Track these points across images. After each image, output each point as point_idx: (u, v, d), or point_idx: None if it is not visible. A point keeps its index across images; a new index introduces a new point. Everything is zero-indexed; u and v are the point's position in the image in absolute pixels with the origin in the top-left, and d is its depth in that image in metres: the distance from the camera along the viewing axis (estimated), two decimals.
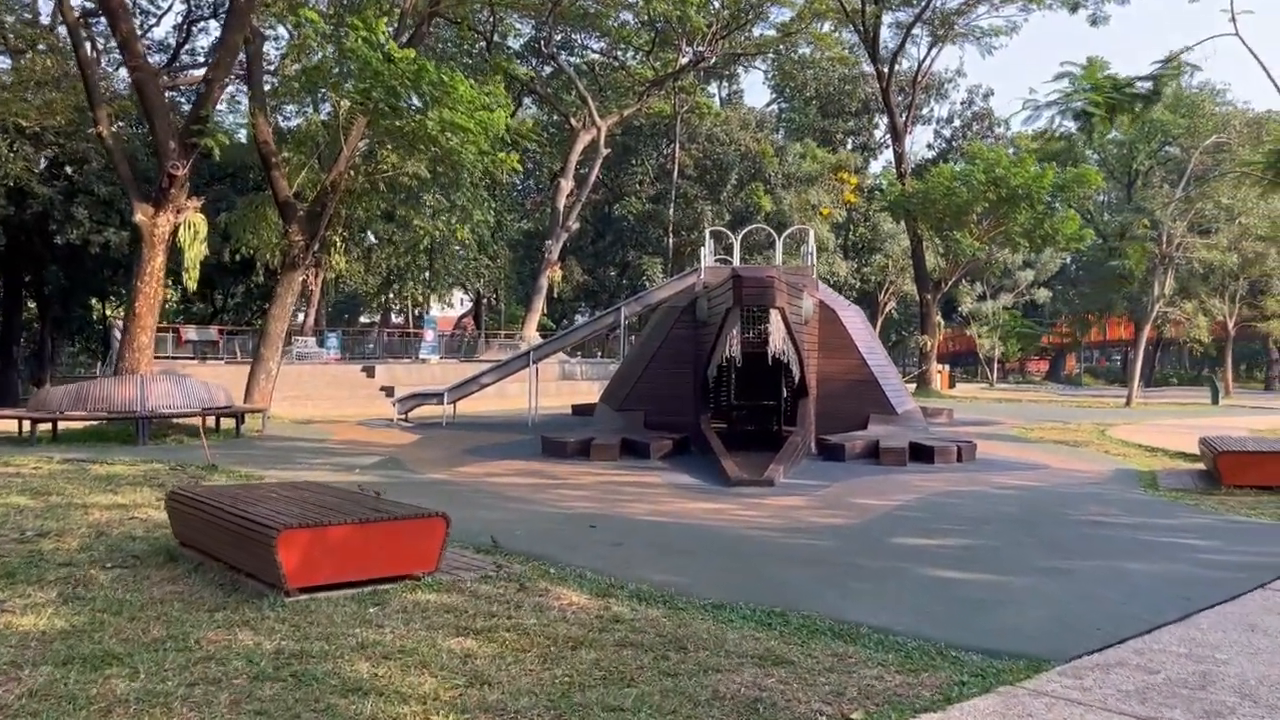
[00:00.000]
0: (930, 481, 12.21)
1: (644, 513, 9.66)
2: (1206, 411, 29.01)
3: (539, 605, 6.12)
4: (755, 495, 10.88)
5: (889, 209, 38.81)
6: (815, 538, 8.48)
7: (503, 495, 10.79)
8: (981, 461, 14.41)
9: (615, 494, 10.92)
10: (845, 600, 6.33)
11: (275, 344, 22.99)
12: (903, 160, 38.14)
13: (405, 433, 19.08)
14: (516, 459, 14.41)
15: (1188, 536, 8.68)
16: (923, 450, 14.16)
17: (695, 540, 8.30)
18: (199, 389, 17.85)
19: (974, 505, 10.37)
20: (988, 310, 49.85)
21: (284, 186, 23.26)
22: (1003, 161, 33.49)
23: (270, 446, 16.22)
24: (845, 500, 10.57)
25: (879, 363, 16.67)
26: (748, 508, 10.06)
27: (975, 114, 54.06)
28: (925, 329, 38.02)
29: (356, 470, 13.03)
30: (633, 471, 13.00)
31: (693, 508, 10.00)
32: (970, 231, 35.68)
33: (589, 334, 21.25)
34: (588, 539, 8.30)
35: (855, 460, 14.13)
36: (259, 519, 6.39)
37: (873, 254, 48.30)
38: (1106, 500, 10.87)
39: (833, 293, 18.37)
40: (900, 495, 10.96)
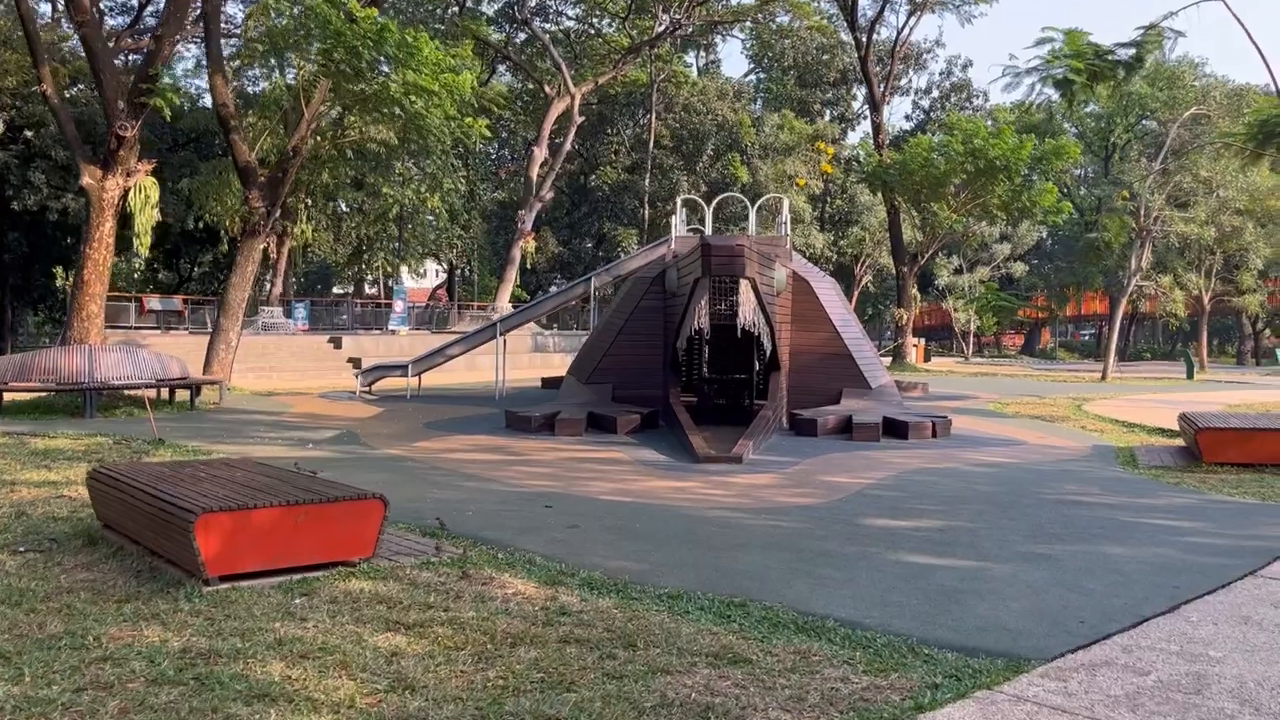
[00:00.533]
0: (904, 458, 11.83)
1: (605, 492, 9.20)
2: (1182, 386, 28.86)
3: (481, 595, 5.65)
4: (722, 473, 10.44)
5: (866, 180, 38.33)
6: (782, 519, 8.05)
7: (459, 472, 10.30)
8: (957, 437, 14.04)
9: (577, 471, 10.45)
10: (811, 590, 5.90)
11: (235, 314, 22.32)
12: (880, 131, 37.64)
13: (367, 406, 18.54)
14: (478, 434, 13.92)
15: (1171, 518, 8.31)
16: (897, 426, 13.77)
17: (656, 522, 7.86)
18: (151, 360, 17.22)
19: (950, 484, 9.98)
20: (964, 284, 49.57)
21: (244, 151, 22.49)
22: (981, 133, 33.05)
23: (225, 420, 15.65)
24: (815, 478, 10.15)
25: (853, 336, 16.26)
26: (714, 486, 9.63)
27: (954, 85, 53.57)
28: (901, 302, 37.66)
29: (310, 446, 12.52)
30: (598, 447, 12.54)
31: (656, 486, 9.56)
32: (947, 203, 35.27)
33: (558, 305, 20.72)
34: (542, 520, 7.83)
35: (828, 436, 13.72)
36: (177, 501, 5.87)
37: (850, 226, 47.88)
38: (1085, 479, 10.51)
39: (807, 263, 17.92)
40: (873, 473, 10.56)
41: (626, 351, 15.80)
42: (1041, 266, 57.31)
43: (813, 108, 50.16)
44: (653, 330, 15.42)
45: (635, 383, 15.46)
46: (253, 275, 22.77)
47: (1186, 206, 35.91)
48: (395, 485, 9.35)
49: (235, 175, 30.10)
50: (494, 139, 61.81)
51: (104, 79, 17.20)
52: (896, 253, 37.83)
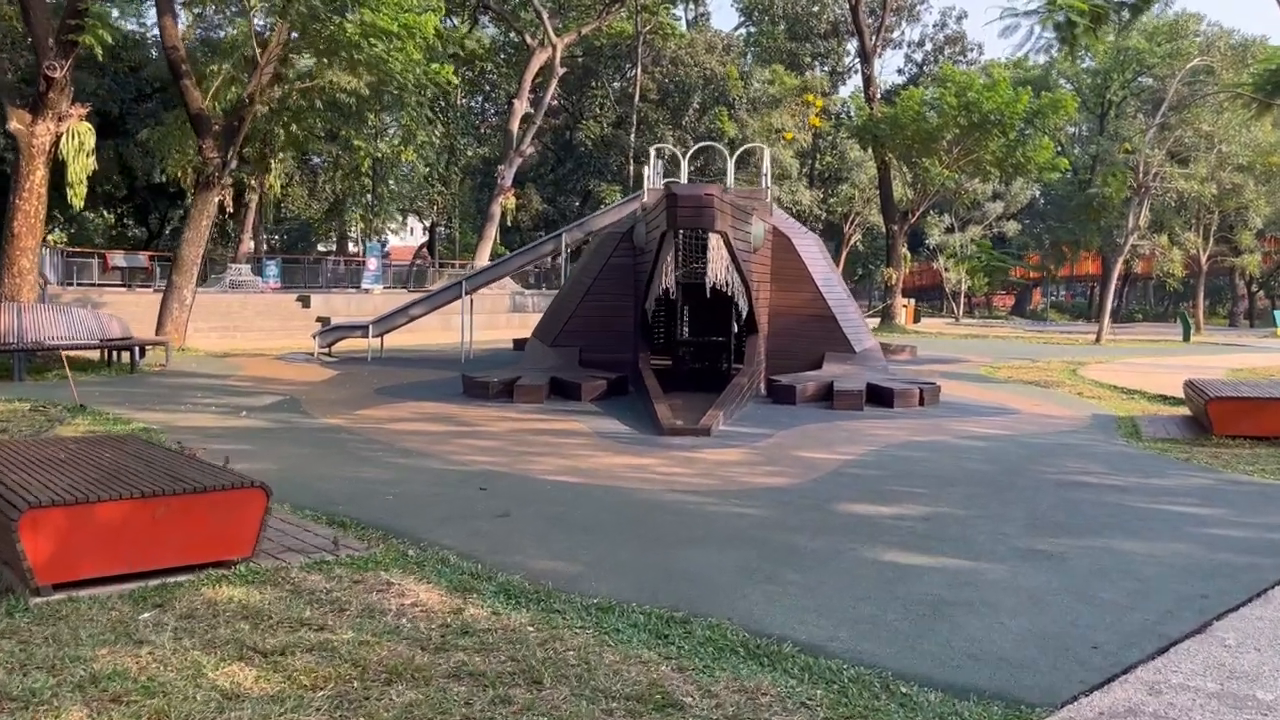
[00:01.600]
0: (889, 430, 10.86)
1: (553, 470, 8.21)
2: (1179, 349, 27.96)
3: (370, 608, 4.68)
4: (688, 447, 9.46)
5: (856, 135, 37.09)
6: (748, 504, 7.08)
7: (396, 446, 9.30)
8: (945, 405, 13.08)
9: (527, 445, 9.46)
10: (769, 600, 4.93)
11: (189, 270, 21.21)
12: (871, 83, 36.30)
13: (323, 369, 17.48)
14: (431, 400, 12.91)
15: (1187, 502, 7.36)
16: (882, 393, 12.79)
17: (603, 509, 6.88)
18: (88, 319, 16.12)
19: (937, 460, 9.01)
20: (955, 243, 48.47)
21: (196, 97, 21.26)
22: (975, 85, 31.82)
23: (164, 384, 14.59)
24: (790, 454, 9.18)
25: (837, 296, 15.22)
26: (676, 463, 8.65)
27: (948, 37, 52.08)
28: (891, 261, 36.59)
29: (244, 414, 11.50)
30: (557, 416, 11.54)
31: (612, 463, 8.57)
32: (939, 159, 34.11)
33: (528, 262, 19.63)
34: (472, 506, 6.85)
35: (807, 404, 12.74)
36: (1, 493, 4.86)
37: (840, 183, 46.65)
38: (1087, 454, 9.55)
39: (789, 218, 16.82)
40: (853, 447, 9.59)
41: (594, 312, 14.75)
42: (1034, 226, 56.20)
43: (803, 61, 48.71)
44: (623, 289, 14.37)
45: (604, 346, 14.42)
46: (207, 229, 21.62)
47: (1187, 163, 34.84)
48: (319, 462, 8.38)
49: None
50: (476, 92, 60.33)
51: (33, 15, 15.93)
52: (886, 210, 36.67)
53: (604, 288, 14.71)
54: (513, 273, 21.34)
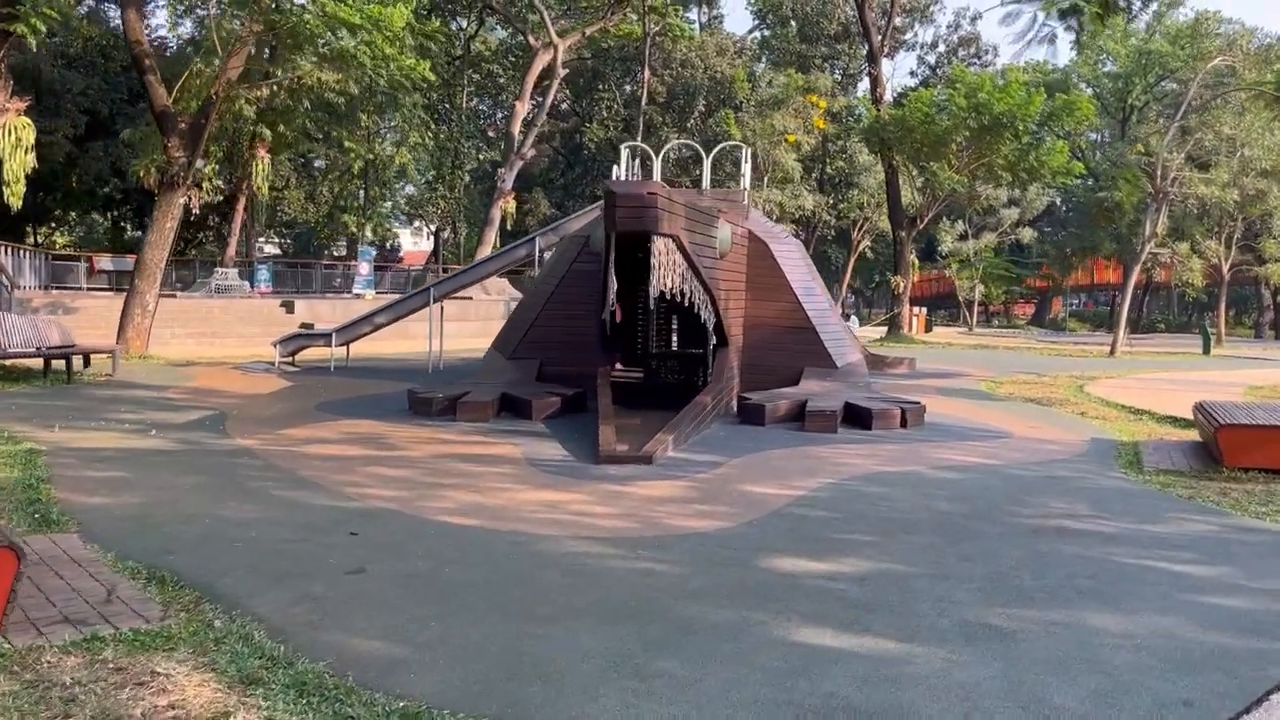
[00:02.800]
0: (857, 457, 9.74)
1: (453, 509, 7.15)
2: (1198, 363, 26.63)
3: (106, 714, 3.63)
4: (622, 479, 8.38)
5: (864, 137, 35.89)
6: (659, 557, 5.99)
7: (294, 476, 8.26)
8: (931, 427, 11.94)
9: (442, 475, 8.40)
10: (626, 705, 3.85)
11: (153, 275, 20.36)
12: (879, 84, 35.11)
13: (278, 379, 16.52)
14: (371, 418, 11.89)
15: (1183, 558, 6.22)
16: (859, 413, 11.67)
17: (483, 564, 5.82)
18: (24, 326, 15.20)
19: (901, 497, 7.89)
20: (968, 250, 47.11)
21: (161, 94, 20.40)
22: (985, 86, 30.58)
23: (95, 396, 13.64)
24: (734, 488, 8.07)
25: (817, 306, 14.12)
26: (600, 500, 7.57)
27: (962, 39, 50.73)
28: (899, 269, 35.33)
29: (153, 432, 10.51)
30: (495, 438, 10.49)
31: (526, 500, 7.50)
32: (949, 163, 32.88)
33: (500, 267, 18.58)
34: (326, 559, 5.80)
35: (777, 425, 11.63)
36: None
37: (850, 189, 45.44)
38: (1076, 490, 8.41)
39: (767, 222, 15.70)
40: (810, 480, 8.48)
41: (556, 322, 13.72)
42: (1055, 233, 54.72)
43: (813, 63, 47.55)
44: (586, 297, 13.29)
45: (566, 359, 13.38)
46: (172, 232, 20.75)
47: (1207, 167, 33.43)
48: (192, 496, 7.37)
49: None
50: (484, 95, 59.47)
51: None
52: (894, 216, 35.43)
53: (566, 296, 13.68)
54: (484, 279, 20.28)
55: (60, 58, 35.39)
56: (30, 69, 33.84)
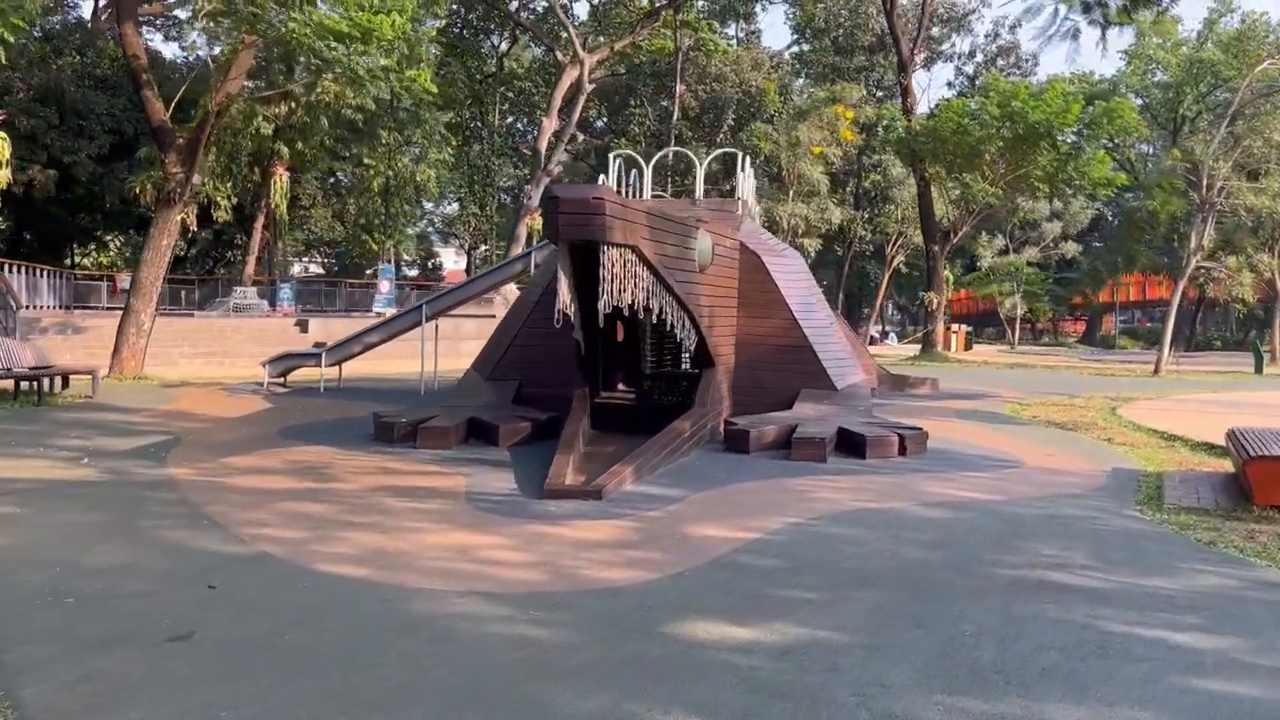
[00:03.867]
0: (838, 491, 8.75)
1: (347, 555, 6.30)
2: (1247, 383, 25.13)
3: None
4: (560, 517, 7.48)
5: (895, 149, 34.76)
6: (552, 621, 5.09)
7: (197, 513, 7.48)
8: (933, 455, 10.89)
9: (359, 512, 7.56)
10: None
11: (148, 294, 19.88)
12: (909, 94, 33.98)
13: (261, 401, 15.85)
14: (329, 444, 11.11)
15: (1185, 622, 5.18)
16: (853, 440, 10.67)
17: (337, 625, 4.95)
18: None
19: (871, 541, 6.91)
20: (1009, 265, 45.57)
21: (158, 109, 19.98)
22: (1020, 94, 29.34)
23: (57, 420, 13.03)
24: (681, 530, 7.13)
25: (816, 323, 13.13)
26: (521, 544, 6.67)
27: (1000, 48, 49.30)
28: (932, 284, 34.05)
29: (85, 461, 9.82)
30: (447, 467, 9.65)
31: (434, 544, 6.63)
32: (983, 175, 31.65)
33: (494, 283, 17.82)
34: (163, 617, 4.97)
35: (764, 452, 10.66)
36: None
37: (886, 204, 44.22)
38: (1078, 532, 7.35)
39: (762, 233, 14.72)
40: (774, 519, 7.51)
41: (537, 341, 12.87)
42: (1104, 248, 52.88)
43: (847, 75, 46.47)
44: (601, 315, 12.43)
45: (546, 379, 12.53)
46: (168, 250, 20.26)
47: (1257, 176, 31.83)
48: (72, 536, 6.66)
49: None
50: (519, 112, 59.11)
51: None
52: (926, 229, 34.20)
53: (546, 314, 12.79)
54: (477, 295, 19.51)
55: (87, 79, 35.44)
56: (54, 89, 33.95)
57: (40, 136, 32.68)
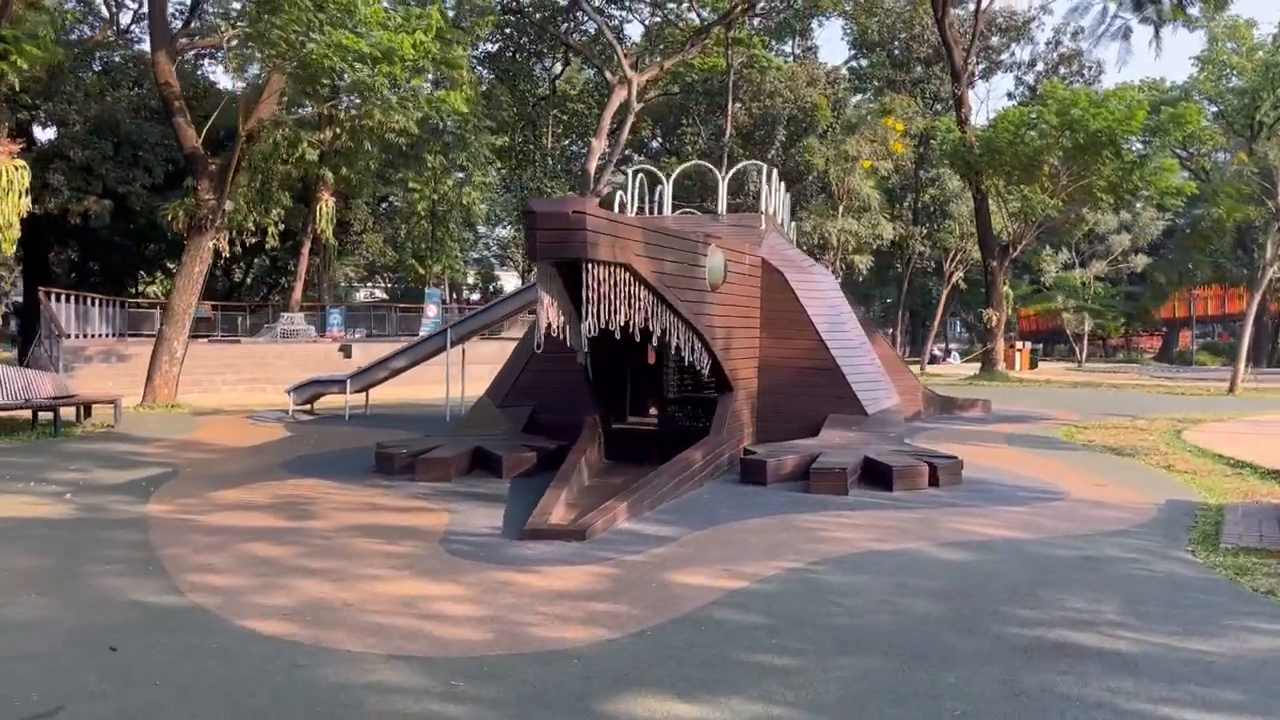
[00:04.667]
0: (851, 529, 7.97)
1: (280, 608, 5.73)
2: None
3: None
4: (534, 562, 6.84)
5: (949, 161, 33.66)
6: (474, 694, 4.44)
7: (148, 557, 7.00)
8: (969, 486, 10.04)
9: (319, 556, 7.01)
10: None
11: (181, 321, 19.75)
12: (963, 104, 32.89)
13: (282, 429, 15.51)
14: (326, 477, 10.63)
15: (1224, 700, 4.35)
16: (880, 471, 9.87)
17: (225, 697, 4.37)
18: (14, 378, 14.51)
19: (873, 590, 6.14)
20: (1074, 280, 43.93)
21: (190, 136, 19.93)
22: (1080, 101, 28.13)
23: (63, 451, 12.79)
24: (660, 577, 6.44)
25: (845, 344, 12.34)
26: (479, 594, 6.04)
27: (1062, 56, 47.71)
28: (990, 301, 32.81)
29: (67, 495, 9.45)
30: (436, 502, 9.07)
31: (383, 594, 6.03)
32: (1042, 186, 30.42)
33: (520, 306, 17.28)
34: (34, 688, 4.43)
35: (781, 485, 9.91)
36: None
37: (945, 219, 42.97)
38: (1113, 578, 6.51)
39: (788, 249, 13.94)
40: (769, 563, 6.78)
41: (552, 365, 12.24)
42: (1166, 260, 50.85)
43: (903, 88, 45.42)
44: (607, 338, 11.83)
45: (562, 405, 11.90)
46: (201, 276, 20.12)
47: None
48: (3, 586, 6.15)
49: (245, 173, 27.85)
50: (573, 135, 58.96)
51: None
52: (984, 244, 32.97)
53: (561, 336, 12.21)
54: (505, 318, 19.01)
55: (143, 110, 36.00)
56: (110, 121, 34.48)
57: (95, 167, 33.15)
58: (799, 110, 43.78)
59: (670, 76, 48.37)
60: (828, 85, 47.67)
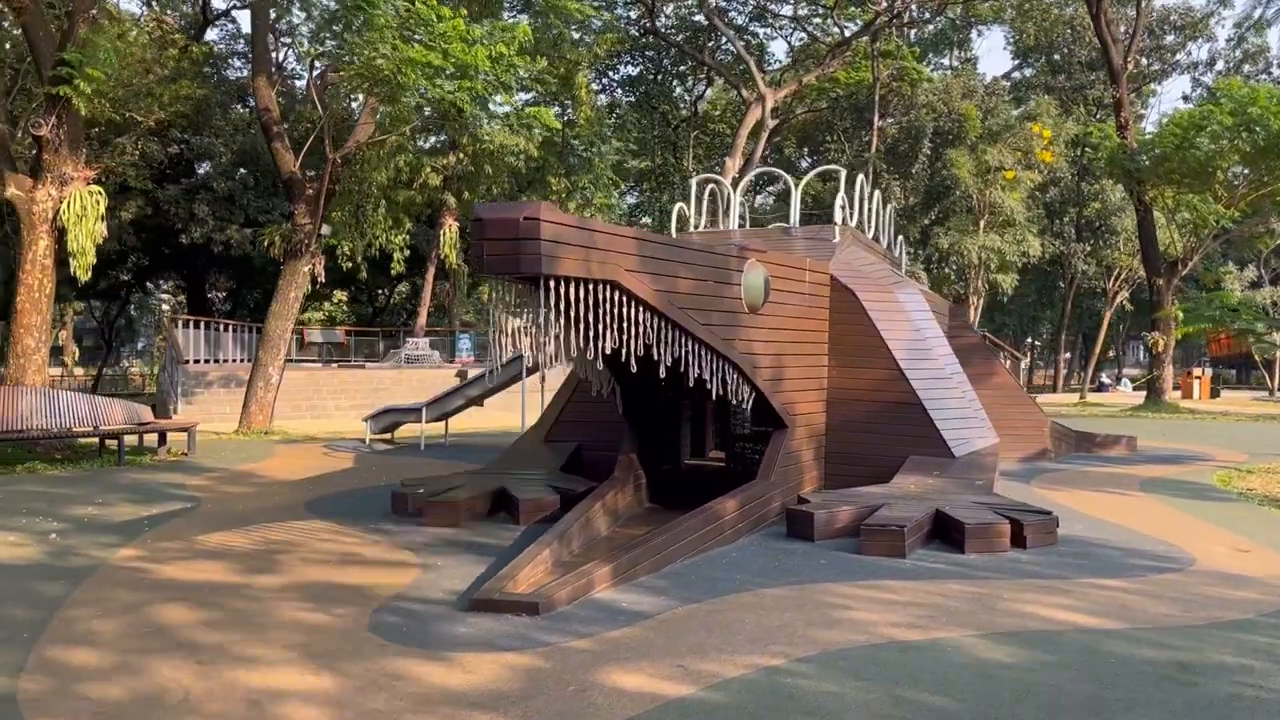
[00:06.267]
0: (880, 608, 6.39)
1: (100, 700, 4.71)
2: None
3: None
4: (460, 645, 5.62)
5: (1107, 169, 30.70)
6: None
7: (45, 619, 6.16)
8: (1064, 548, 8.23)
9: (226, 626, 6.00)
10: None
11: (276, 347, 19.57)
12: (1123, 107, 29.91)
13: (350, 459, 14.87)
14: (339, 518, 9.75)
15: None
16: (952, 527, 8.20)
17: None
18: (81, 405, 14.35)
19: (851, 710, 4.63)
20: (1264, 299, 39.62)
21: (288, 160, 19.82)
22: (1259, 98, 25.00)
23: (111, 481, 12.44)
24: (588, 678, 5.09)
25: (930, 375, 10.61)
26: (347, 695, 4.86)
27: (1246, 54, 43.42)
28: (1156, 324, 29.65)
29: (53, 536, 8.85)
30: (418, 554, 7.99)
31: (237, 686, 4.94)
32: (1215, 195, 27.27)
33: None
34: None
35: (831, 541, 8.36)
36: None
37: (1111, 234, 39.60)
38: (1207, 701, 4.78)
39: (870, 263, 12.20)
40: (741, 659, 5.33)
41: (598, 397, 11.05)
42: None
43: (1064, 94, 42.30)
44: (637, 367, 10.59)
45: (609, 441, 10.68)
46: (297, 302, 19.90)
47: None
48: None
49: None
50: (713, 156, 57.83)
51: (43, 70, 14.62)
52: (1148, 260, 29.82)
53: None
54: None
55: None
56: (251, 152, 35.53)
57: (238, 198, 34.11)
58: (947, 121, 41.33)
59: (816, 92, 46.73)
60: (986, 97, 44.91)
